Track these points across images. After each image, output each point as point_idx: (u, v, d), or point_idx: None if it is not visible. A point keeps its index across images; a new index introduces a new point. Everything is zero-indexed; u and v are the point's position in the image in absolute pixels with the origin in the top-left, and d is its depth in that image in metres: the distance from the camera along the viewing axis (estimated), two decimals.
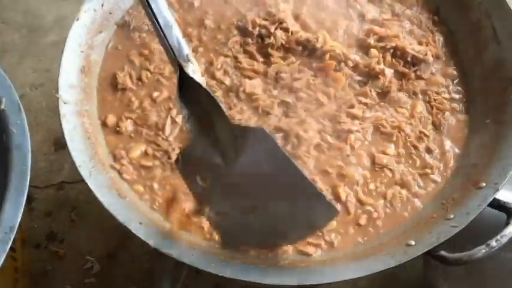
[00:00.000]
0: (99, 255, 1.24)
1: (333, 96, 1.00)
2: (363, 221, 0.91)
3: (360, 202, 0.92)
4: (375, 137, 0.98)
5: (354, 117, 0.99)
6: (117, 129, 0.98)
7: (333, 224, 0.89)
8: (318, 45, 1.03)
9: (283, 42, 1.04)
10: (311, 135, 0.95)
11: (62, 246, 1.25)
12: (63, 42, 1.00)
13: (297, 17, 1.08)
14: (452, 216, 0.86)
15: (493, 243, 0.81)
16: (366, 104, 1.00)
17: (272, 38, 1.04)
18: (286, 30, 1.05)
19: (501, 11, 1.03)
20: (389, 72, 1.02)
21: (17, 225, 0.78)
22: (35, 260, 1.22)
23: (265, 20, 1.07)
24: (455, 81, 1.05)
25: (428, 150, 0.97)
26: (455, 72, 1.06)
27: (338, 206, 0.90)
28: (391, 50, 1.04)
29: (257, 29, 1.06)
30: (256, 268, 0.83)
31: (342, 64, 1.02)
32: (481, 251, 0.80)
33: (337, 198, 0.92)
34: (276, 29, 1.05)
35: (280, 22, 1.05)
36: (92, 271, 1.23)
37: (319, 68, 1.02)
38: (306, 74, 1.02)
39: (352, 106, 0.99)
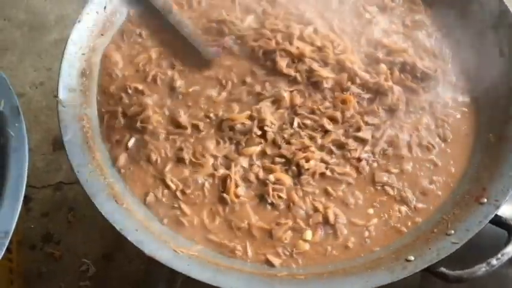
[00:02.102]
0: (95, 257, 1.24)
1: (340, 121, 0.98)
2: (350, 243, 0.89)
3: (352, 224, 0.91)
4: (384, 160, 0.96)
5: (362, 141, 0.97)
6: None
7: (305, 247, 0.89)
8: (332, 54, 1.01)
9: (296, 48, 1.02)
10: (312, 165, 0.93)
11: (58, 247, 1.24)
12: (64, 41, 0.99)
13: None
14: (452, 232, 0.86)
15: (494, 261, 0.80)
16: (373, 125, 0.98)
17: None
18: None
19: (507, 24, 1.02)
20: (397, 90, 1.00)
21: (12, 230, 0.77)
22: (30, 261, 1.22)
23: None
24: (462, 95, 1.03)
25: (433, 164, 0.96)
26: (462, 86, 1.04)
27: (325, 230, 0.90)
28: (399, 65, 1.02)
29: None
30: (254, 279, 0.83)
31: (349, 83, 1.00)
32: (481, 269, 0.80)
33: (326, 220, 0.90)
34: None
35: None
36: (88, 274, 1.22)
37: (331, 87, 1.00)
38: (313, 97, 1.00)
39: (359, 129, 0.97)
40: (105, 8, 1.04)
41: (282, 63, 1.00)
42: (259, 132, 0.96)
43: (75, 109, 0.94)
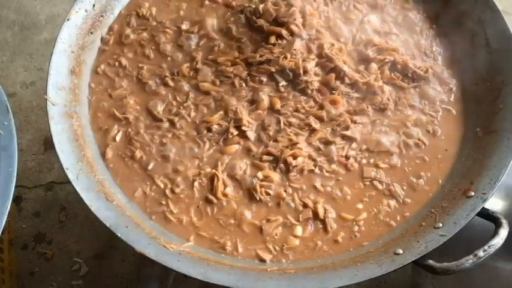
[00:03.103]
0: (87, 256, 1.24)
1: (326, 119, 0.98)
2: (340, 238, 0.90)
3: (342, 218, 0.91)
4: (372, 156, 0.96)
5: (350, 139, 0.97)
6: None
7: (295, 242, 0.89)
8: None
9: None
10: (300, 162, 0.94)
11: (49, 247, 1.24)
12: (55, 41, 0.99)
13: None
14: (440, 225, 0.86)
15: (481, 253, 0.80)
16: (362, 124, 0.98)
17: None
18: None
19: (493, 19, 1.03)
20: (387, 89, 1.01)
21: (1, 229, 0.77)
22: (22, 261, 1.22)
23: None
24: (450, 90, 1.04)
25: (422, 159, 0.97)
26: (451, 81, 1.04)
27: (315, 225, 0.91)
28: (389, 64, 1.03)
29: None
30: (245, 274, 0.84)
31: (338, 82, 1.00)
32: (468, 261, 0.80)
33: (315, 215, 0.91)
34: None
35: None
36: (80, 273, 1.22)
37: (319, 88, 1.00)
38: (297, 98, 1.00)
39: (347, 127, 0.98)
40: (93, 6, 1.04)
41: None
42: (235, 133, 0.96)
43: (64, 107, 0.94)
